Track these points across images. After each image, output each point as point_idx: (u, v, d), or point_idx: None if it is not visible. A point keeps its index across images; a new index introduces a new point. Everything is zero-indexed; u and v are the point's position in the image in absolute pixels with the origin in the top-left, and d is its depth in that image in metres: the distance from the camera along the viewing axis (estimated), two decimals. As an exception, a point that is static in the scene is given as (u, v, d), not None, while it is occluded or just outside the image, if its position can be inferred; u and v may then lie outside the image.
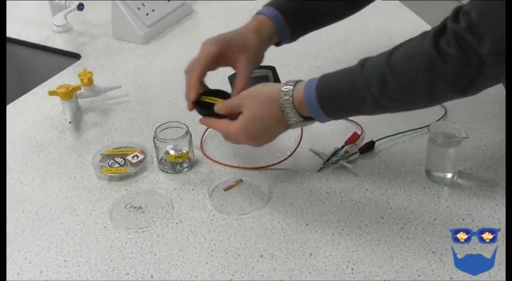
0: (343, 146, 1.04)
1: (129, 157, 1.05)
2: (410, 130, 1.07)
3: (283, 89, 0.90)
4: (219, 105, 0.96)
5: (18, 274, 0.86)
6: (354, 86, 0.86)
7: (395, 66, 0.84)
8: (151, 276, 0.85)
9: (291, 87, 0.90)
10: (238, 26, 1.55)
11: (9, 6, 1.53)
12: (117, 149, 1.08)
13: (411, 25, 1.43)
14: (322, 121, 0.91)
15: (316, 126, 1.12)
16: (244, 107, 0.92)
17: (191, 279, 0.84)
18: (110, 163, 1.04)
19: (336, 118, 0.91)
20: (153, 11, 1.46)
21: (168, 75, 1.32)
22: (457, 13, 0.80)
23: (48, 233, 0.93)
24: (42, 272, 0.86)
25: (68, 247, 0.90)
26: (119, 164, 1.04)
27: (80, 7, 1.47)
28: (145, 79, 1.31)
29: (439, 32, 0.81)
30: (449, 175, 0.97)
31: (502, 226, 0.88)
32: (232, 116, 0.93)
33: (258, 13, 1.03)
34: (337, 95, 0.88)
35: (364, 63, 0.87)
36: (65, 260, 0.88)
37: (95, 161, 1.05)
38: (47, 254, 0.89)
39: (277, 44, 1.05)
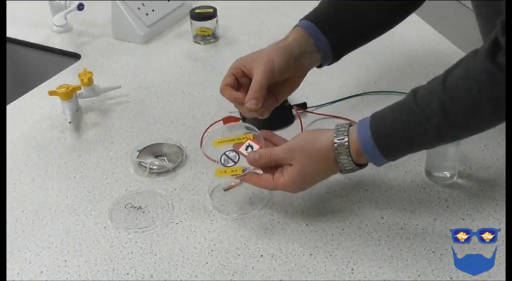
0: None
1: (241, 148, 0.94)
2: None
3: (336, 140, 0.85)
4: (256, 157, 0.89)
5: (18, 274, 0.86)
6: (411, 121, 0.82)
7: (454, 90, 0.80)
8: (151, 276, 0.85)
9: (345, 138, 0.85)
10: (235, 25, 1.55)
11: (9, 6, 1.53)
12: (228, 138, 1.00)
13: (411, 25, 1.43)
14: (379, 165, 0.87)
15: (316, 127, 1.12)
16: (294, 162, 0.87)
17: (191, 279, 0.84)
18: (223, 161, 0.93)
19: (394, 159, 0.87)
20: (153, 11, 1.46)
21: (168, 75, 1.32)
22: (503, 25, 0.77)
23: (48, 233, 0.93)
24: (42, 272, 0.86)
25: (68, 247, 0.90)
26: (233, 161, 0.92)
27: (80, 7, 1.47)
28: (145, 79, 1.31)
29: (492, 47, 0.77)
30: (449, 175, 0.97)
31: (502, 226, 0.88)
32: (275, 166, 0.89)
33: (296, 25, 1.01)
34: (395, 136, 0.83)
35: (415, 93, 0.83)
36: (65, 260, 0.88)
37: (133, 157, 1.05)
38: (47, 254, 0.89)
39: (320, 65, 1.02)
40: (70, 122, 1.14)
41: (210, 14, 1.42)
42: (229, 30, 1.47)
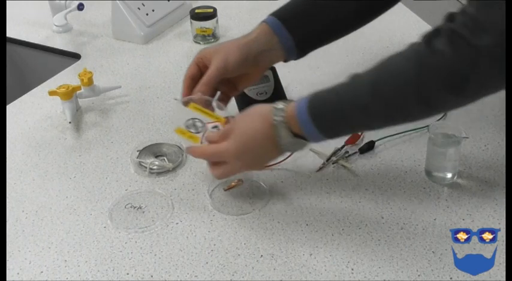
0: (343, 146, 1.04)
1: (209, 125, 0.99)
2: (411, 130, 1.07)
3: (275, 106, 0.88)
4: (211, 135, 0.93)
5: (18, 274, 0.86)
6: (343, 92, 0.84)
7: (383, 65, 0.82)
8: (151, 276, 0.85)
9: (285, 104, 0.88)
10: (235, 25, 1.56)
11: (9, 6, 1.53)
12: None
13: (411, 25, 1.44)
14: (314, 139, 0.87)
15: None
16: (236, 126, 0.90)
17: (191, 279, 0.84)
18: (187, 124, 0.99)
19: (327, 134, 0.87)
20: (153, 11, 1.46)
21: (168, 75, 1.32)
22: (451, 15, 0.78)
23: (48, 233, 0.93)
24: (42, 272, 0.86)
25: (68, 247, 0.90)
26: (196, 128, 0.99)
27: (80, 7, 1.47)
28: (145, 79, 1.31)
29: (432, 32, 0.79)
30: (449, 175, 0.97)
31: (502, 226, 0.88)
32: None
33: (263, 21, 1.02)
34: (327, 106, 0.85)
35: (355, 74, 0.85)
36: (65, 260, 0.88)
37: (133, 157, 1.05)
38: (47, 254, 0.89)
39: (286, 59, 1.03)
40: (70, 122, 1.14)
41: (210, 14, 1.42)
42: (229, 30, 1.47)
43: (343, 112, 0.84)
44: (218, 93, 1.02)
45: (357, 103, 0.83)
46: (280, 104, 0.88)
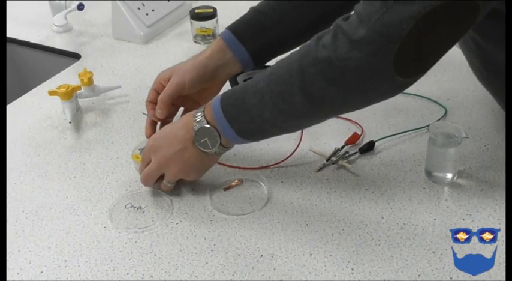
0: (343, 146, 1.04)
1: None
2: (411, 130, 1.07)
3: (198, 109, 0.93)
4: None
5: (18, 274, 0.86)
6: (248, 84, 0.89)
7: (285, 58, 0.87)
8: (151, 276, 0.85)
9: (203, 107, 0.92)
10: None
11: (9, 6, 1.53)
12: None
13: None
14: (222, 127, 0.89)
15: (316, 127, 1.12)
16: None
17: (191, 279, 0.84)
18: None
19: (234, 124, 0.89)
20: (153, 11, 1.46)
21: (168, 75, 1.31)
22: (346, 15, 0.82)
23: (48, 233, 0.93)
24: (42, 272, 0.86)
25: (68, 247, 0.90)
26: None
27: (80, 7, 1.47)
28: (145, 79, 1.31)
29: (326, 30, 0.83)
30: (449, 175, 0.97)
31: (502, 226, 0.88)
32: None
33: (219, 35, 1.06)
34: (234, 96, 0.89)
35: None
36: (65, 260, 0.88)
37: (135, 153, 1.05)
38: (47, 254, 0.89)
39: (244, 70, 1.06)
40: (70, 122, 1.14)
41: (210, 14, 1.42)
42: (229, 30, 1.47)
43: (244, 99, 0.88)
44: (181, 109, 1.08)
45: (254, 90, 0.87)
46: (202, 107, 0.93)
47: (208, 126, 0.90)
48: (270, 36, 1.03)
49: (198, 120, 0.91)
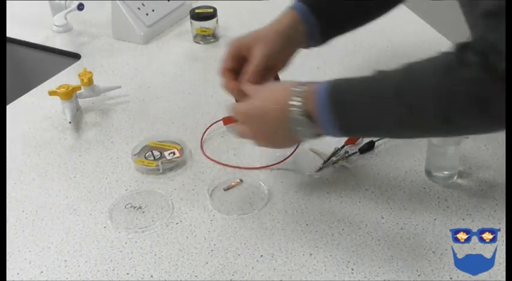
0: (343, 146, 1.04)
1: (166, 153, 1.05)
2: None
3: (295, 83, 0.86)
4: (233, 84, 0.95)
5: (18, 274, 0.86)
6: (368, 86, 0.82)
7: (415, 71, 0.79)
8: (151, 276, 0.85)
9: (305, 85, 0.85)
10: (235, 25, 1.56)
11: (9, 6, 1.53)
12: (161, 142, 1.08)
13: (411, 25, 1.44)
14: (324, 122, 0.82)
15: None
16: (258, 91, 0.91)
17: (191, 279, 0.84)
18: (146, 155, 1.05)
19: (340, 121, 0.82)
20: (153, 11, 1.46)
21: (168, 75, 1.32)
22: (482, 37, 0.75)
23: (48, 233, 0.93)
24: (42, 272, 0.86)
25: (68, 247, 0.90)
26: (154, 157, 1.04)
27: (80, 7, 1.47)
28: (145, 79, 1.31)
29: (462, 45, 0.77)
30: (449, 175, 0.97)
31: (502, 226, 0.88)
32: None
33: (290, 6, 1.01)
34: (348, 90, 0.83)
35: (380, 70, 0.82)
36: (65, 260, 0.88)
37: (135, 150, 1.06)
38: (47, 254, 0.89)
39: (308, 45, 1.01)
40: (70, 122, 1.14)
41: (210, 14, 1.42)
42: (229, 30, 1.47)
43: (362, 104, 0.81)
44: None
45: (377, 99, 0.80)
46: (300, 84, 0.86)
47: (306, 118, 0.83)
48: (342, 10, 1.00)
49: (296, 104, 0.83)
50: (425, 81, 0.78)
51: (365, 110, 0.82)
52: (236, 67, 0.98)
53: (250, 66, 0.95)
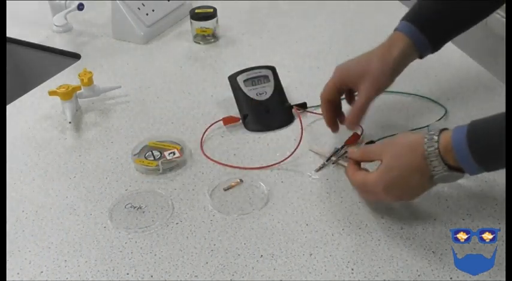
0: (343, 146, 1.04)
1: (166, 153, 1.05)
2: (410, 130, 1.07)
3: (426, 135, 0.82)
4: (355, 150, 0.93)
5: (18, 274, 0.86)
6: (497, 125, 0.78)
7: None
8: (151, 276, 0.85)
9: (437, 133, 0.82)
10: (235, 25, 1.55)
11: (9, 6, 1.53)
12: (161, 142, 1.08)
13: (411, 25, 1.43)
14: (471, 172, 0.81)
15: (316, 127, 1.12)
16: (384, 154, 0.86)
17: (191, 279, 0.84)
18: (146, 155, 1.05)
19: (487, 167, 0.80)
20: (153, 11, 1.46)
21: (168, 75, 1.32)
22: None
23: (48, 233, 0.93)
24: (42, 272, 0.86)
25: (68, 247, 0.90)
26: (154, 157, 1.04)
27: (80, 7, 1.47)
28: (145, 79, 1.31)
29: None
30: (449, 175, 0.97)
31: (502, 226, 0.88)
32: (367, 161, 0.91)
33: (396, 29, 1.01)
34: (489, 137, 0.78)
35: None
36: (65, 260, 0.88)
37: (135, 150, 1.06)
38: (47, 254, 0.89)
39: (421, 57, 1.01)
40: (70, 122, 1.14)
41: (210, 14, 1.42)
42: (229, 30, 1.48)
43: (499, 144, 0.77)
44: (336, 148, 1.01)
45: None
46: (433, 134, 0.82)
47: (451, 173, 0.82)
48: (448, 21, 0.99)
49: (437, 167, 0.81)
50: None
51: (500, 151, 0.77)
52: (337, 97, 1.00)
53: (356, 104, 0.96)
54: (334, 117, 1.03)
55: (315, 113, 1.14)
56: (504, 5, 1.01)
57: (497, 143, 0.77)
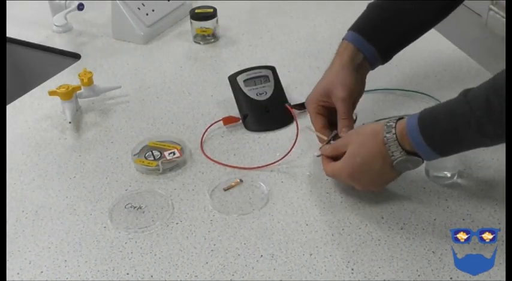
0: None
1: (166, 153, 1.05)
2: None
3: (386, 123, 0.88)
4: (326, 147, 0.97)
5: (18, 274, 0.86)
6: (456, 111, 0.82)
7: (500, 84, 0.78)
8: (151, 276, 0.85)
9: (394, 121, 0.87)
10: (235, 25, 1.55)
11: (9, 6, 1.53)
12: (161, 142, 1.08)
13: (411, 25, 1.43)
14: (427, 157, 0.86)
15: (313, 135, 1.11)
16: (349, 144, 0.91)
17: (191, 279, 0.84)
18: (146, 155, 1.05)
19: (440, 152, 0.85)
20: (153, 11, 1.46)
21: (168, 75, 1.32)
22: None
23: (48, 233, 0.93)
24: (42, 272, 0.86)
25: (68, 247, 0.90)
26: (154, 157, 1.04)
27: (80, 7, 1.47)
28: (145, 79, 1.31)
29: None
30: (449, 175, 0.97)
31: (502, 226, 0.88)
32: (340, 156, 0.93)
33: (343, 39, 1.04)
34: (438, 122, 0.83)
35: (467, 90, 0.83)
36: (65, 260, 0.88)
37: (135, 150, 1.06)
38: (47, 254, 0.89)
39: (372, 67, 1.05)
40: (70, 122, 1.14)
41: (210, 14, 1.42)
42: (229, 30, 1.48)
43: (457, 131, 0.82)
44: (334, 132, 1.01)
45: (471, 122, 0.80)
46: (391, 121, 0.88)
47: (409, 157, 0.86)
48: (396, 31, 1.03)
49: (396, 152, 0.86)
50: None
51: (459, 136, 0.82)
52: (327, 116, 1.03)
53: (339, 115, 0.99)
54: (325, 125, 1.04)
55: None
56: (504, 5, 1.02)
57: (446, 127, 0.82)
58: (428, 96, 1.17)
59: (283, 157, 1.03)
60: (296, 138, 1.05)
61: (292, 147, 1.04)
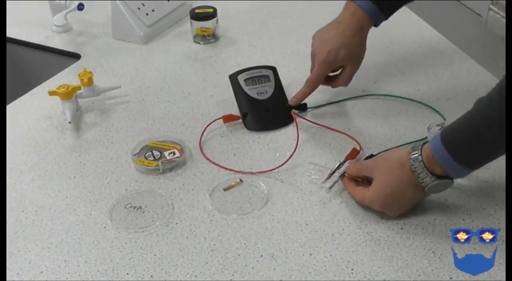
0: (344, 161, 1.01)
1: (166, 153, 1.05)
2: (410, 142, 1.06)
3: (411, 150, 0.88)
4: (351, 167, 0.96)
5: (18, 274, 0.86)
6: (474, 118, 0.83)
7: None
8: (151, 276, 0.85)
9: (419, 147, 0.87)
10: (235, 25, 1.55)
11: (9, 6, 1.53)
12: (161, 142, 1.08)
13: (411, 25, 1.44)
14: (458, 175, 0.87)
15: (315, 127, 1.12)
16: (375, 171, 0.91)
17: (191, 279, 0.84)
18: (146, 155, 1.05)
19: (468, 164, 0.85)
20: (153, 11, 1.46)
21: (168, 75, 1.32)
22: None
23: (48, 233, 0.93)
24: (42, 272, 0.86)
25: (68, 247, 0.90)
26: (154, 157, 1.04)
27: (80, 7, 1.47)
28: (145, 79, 1.31)
29: None
30: (449, 175, 0.97)
31: (502, 226, 0.88)
32: (362, 178, 0.94)
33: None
34: (460, 133, 0.84)
35: (481, 98, 0.83)
36: (65, 260, 0.88)
37: (135, 150, 1.06)
38: (47, 254, 0.89)
39: (375, 25, 1.13)
40: (70, 122, 1.14)
41: (210, 14, 1.42)
42: (229, 30, 1.47)
43: (479, 137, 0.82)
44: (338, 163, 1.00)
45: (492, 125, 0.80)
46: (416, 148, 0.88)
47: (440, 181, 0.87)
48: None
49: (423, 177, 0.87)
50: None
51: (482, 142, 0.82)
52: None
53: (343, 77, 1.12)
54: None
55: (315, 123, 1.13)
56: (504, 5, 1.02)
57: (468, 137, 0.83)
58: (427, 106, 1.17)
59: (283, 164, 1.03)
60: (296, 145, 1.05)
61: (293, 154, 1.04)
